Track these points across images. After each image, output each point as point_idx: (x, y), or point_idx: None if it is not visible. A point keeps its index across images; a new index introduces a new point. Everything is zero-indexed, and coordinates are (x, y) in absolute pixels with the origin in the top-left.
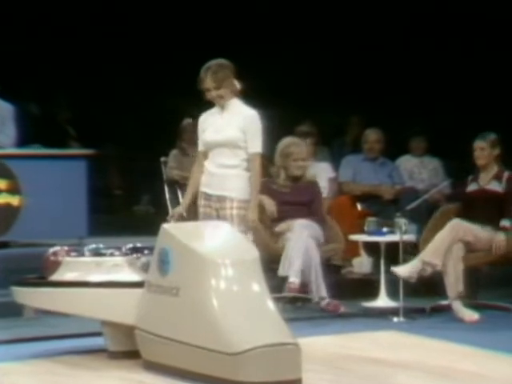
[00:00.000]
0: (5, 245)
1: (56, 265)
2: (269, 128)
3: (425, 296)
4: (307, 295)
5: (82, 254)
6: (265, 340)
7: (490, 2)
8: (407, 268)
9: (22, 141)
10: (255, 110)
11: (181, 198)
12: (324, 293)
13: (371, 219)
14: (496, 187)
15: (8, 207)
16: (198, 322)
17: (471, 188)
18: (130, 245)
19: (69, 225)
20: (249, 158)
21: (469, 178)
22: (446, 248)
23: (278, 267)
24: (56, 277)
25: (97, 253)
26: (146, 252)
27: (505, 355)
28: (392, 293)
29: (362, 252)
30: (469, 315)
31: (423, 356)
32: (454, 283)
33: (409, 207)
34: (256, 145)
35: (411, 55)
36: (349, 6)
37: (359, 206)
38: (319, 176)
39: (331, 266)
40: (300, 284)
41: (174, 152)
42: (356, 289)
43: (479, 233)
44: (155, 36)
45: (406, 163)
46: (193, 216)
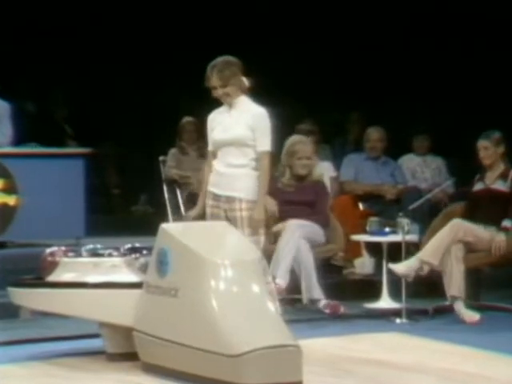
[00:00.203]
0: (1, 245)
1: (53, 265)
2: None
3: (427, 297)
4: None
5: (80, 255)
6: (265, 342)
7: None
8: (405, 266)
9: (19, 139)
10: (264, 108)
11: (180, 198)
12: (318, 295)
13: (373, 219)
14: (501, 186)
15: (4, 207)
16: (197, 324)
17: (477, 187)
18: (129, 245)
19: (66, 225)
20: (257, 157)
21: (475, 177)
22: (445, 248)
23: None
24: (53, 277)
25: (95, 253)
26: (145, 252)
27: (507, 356)
28: (394, 294)
29: (364, 252)
30: (469, 316)
31: (426, 358)
32: (454, 284)
33: (411, 207)
34: (265, 143)
35: (414, 54)
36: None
37: (361, 206)
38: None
39: (332, 267)
40: (289, 285)
41: (173, 151)
42: (358, 290)
43: (480, 233)
44: (154, 34)
45: (409, 162)
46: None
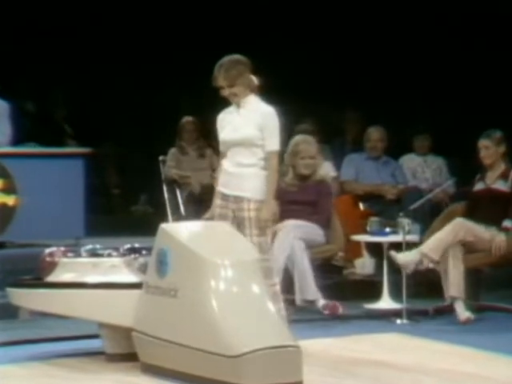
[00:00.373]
0: (0, 245)
1: (52, 266)
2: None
3: (428, 298)
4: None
5: (79, 255)
6: (265, 342)
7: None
8: (405, 256)
9: (18, 139)
10: (272, 107)
11: (179, 198)
12: (313, 296)
13: (374, 219)
14: (502, 186)
15: (3, 207)
16: (197, 324)
17: (478, 187)
18: (128, 245)
19: (66, 225)
20: (266, 157)
21: (476, 177)
22: (446, 245)
23: None
24: (52, 278)
25: (94, 253)
26: (144, 253)
27: (507, 357)
28: (395, 294)
29: (365, 253)
30: (463, 316)
31: (426, 358)
32: (453, 284)
33: (412, 207)
34: (273, 142)
35: (414, 53)
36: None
37: (361, 206)
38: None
39: (332, 267)
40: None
41: (173, 151)
42: (358, 290)
43: (481, 233)
44: (154, 34)
45: (409, 162)
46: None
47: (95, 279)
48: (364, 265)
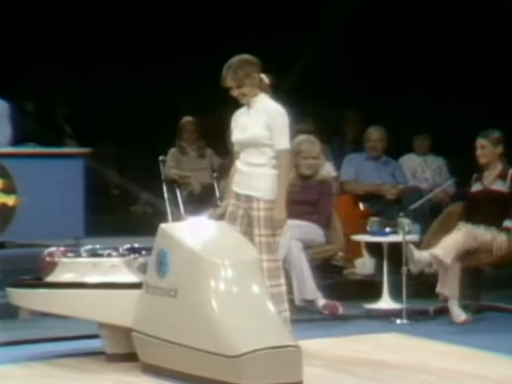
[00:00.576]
0: (0, 245)
1: (52, 266)
2: None
3: (428, 298)
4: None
5: (79, 255)
6: (265, 342)
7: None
8: (421, 254)
9: (18, 139)
10: (281, 105)
11: (179, 198)
12: (312, 295)
13: (374, 219)
14: (501, 187)
15: (3, 207)
16: (197, 324)
17: (475, 188)
18: (128, 245)
19: (65, 225)
20: (276, 156)
21: (473, 177)
22: (458, 251)
23: None
24: (52, 278)
25: (94, 253)
26: (144, 253)
27: (507, 357)
28: (395, 294)
29: (365, 253)
30: (460, 318)
31: (426, 358)
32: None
33: (412, 207)
34: (282, 141)
35: (414, 53)
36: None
37: (361, 206)
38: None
39: (333, 267)
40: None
41: (173, 151)
42: (358, 290)
43: (484, 237)
44: (154, 34)
45: (409, 162)
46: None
47: (95, 279)
48: (364, 265)
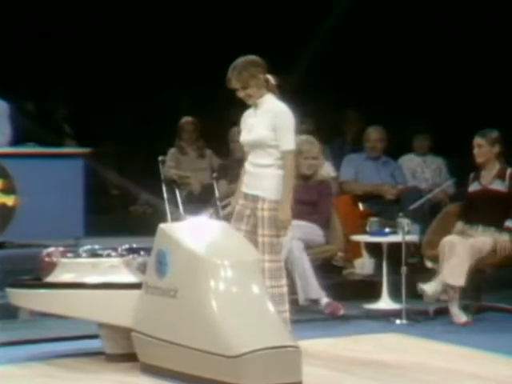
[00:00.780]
0: (0, 245)
1: (51, 266)
2: None
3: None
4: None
5: (78, 255)
6: (265, 342)
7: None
8: (432, 287)
9: (18, 139)
10: (286, 106)
11: (179, 198)
12: (316, 295)
13: (373, 219)
14: (499, 186)
15: (3, 207)
16: (197, 324)
17: (473, 188)
18: (126, 246)
19: (65, 225)
20: (281, 156)
21: (470, 176)
22: (467, 270)
23: None
24: (52, 278)
25: (93, 254)
26: (143, 253)
27: (507, 357)
28: (394, 295)
29: (364, 253)
30: (457, 317)
31: (425, 358)
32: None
33: (412, 207)
34: (287, 142)
35: (414, 53)
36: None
37: (361, 206)
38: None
39: (332, 267)
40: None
41: (172, 151)
42: (358, 290)
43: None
44: (154, 34)
45: (409, 162)
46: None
47: (95, 279)
48: (363, 265)
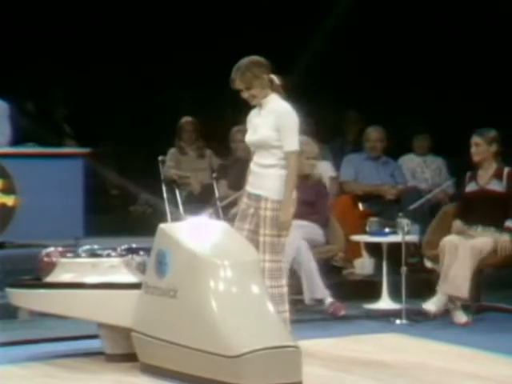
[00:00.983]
0: (0, 245)
1: (50, 266)
2: None
3: (427, 298)
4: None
5: (77, 255)
6: (264, 342)
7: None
8: (435, 304)
9: (18, 139)
10: (290, 106)
11: (179, 198)
12: (322, 295)
13: (373, 219)
14: (497, 186)
15: (3, 207)
16: (197, 325)
17: (470, 188)
18: (125, 246)
19: (65, 225)
20: (285, 157)
21: (467, 175)
22: (469, 279)
23: None
24: (51, 278)
25: (93, 254)
26: (142, 253)
27: (507, 357)
28: (394, 295)
29: (364, 253)
30: (458, 317)
31: (425, 358)
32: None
33: (411, 207)
34: (290, 142)
35: (414, 53)
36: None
37: (361, 206)
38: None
39: (332, 267)
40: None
41: (172, 151)
42: (358, 290)
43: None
44: (154, 34)
45: (409, 162)
46: None
47: (94, 279)
48: (363, 265)
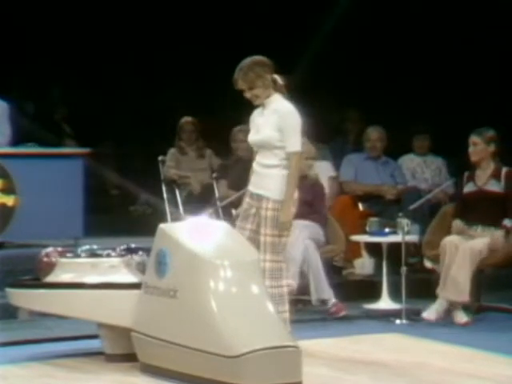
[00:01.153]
0: (0, 246)
1: (49, 266)
2: None
3: (427, 298)
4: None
5: (78, 255)
6: (264, 342)
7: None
8: (437, 309)
9: (17, 139)
10: (293, 106)
11: (178, 198)
12: (326, 295)
13: (373, 219)
14: (495, 187)
15: (3, 207)
16: (196, 325)
17: (468, 188)
18: (124, 246)
19: (65, 225)
20: (287, 157)
21: (464, 175)
22: (469, 282)
23: None
24: (51, 278)
25: (93, 254)
26: (141, 253)
27: (507, 357)
28: (394, 295)
29: (364, 253)
30: (458, 318)
31: (425, 358)
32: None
33: (411, 207)
34: (293, 143)
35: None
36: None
37: (361, 206)
38: (320, 175)
39: (332, 267)
40: (300, 286)
41: (172, 151)
42: (358, 290)
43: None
44: (154, 34)
45: (409, 162)
46: None
47: (94, 279)
48: (363, 265)
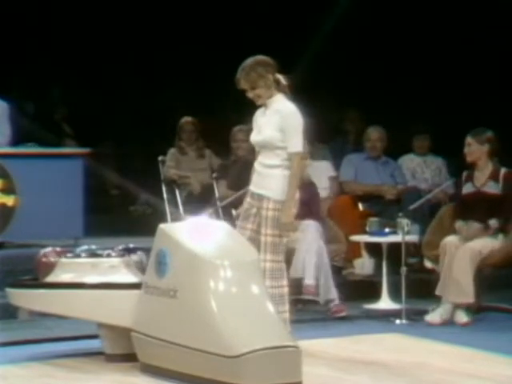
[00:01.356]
0: (0, 246)
1: (48, 266)
2: None
3: (427, 298)
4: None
5: (77, 255)
6: (265, 342)
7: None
8: (442, 314)
9: (17, 139)
10: (295, 106)
11: (178, 198)
12: (333, 295)
13: (373, 219)
14: (493, 189)
15: (3, 207)
16: (197, 325)
17: (467, 189)
18: (122, 245)
19: (64, 225)
20: (288, 158)
21: (463, 175)
22: (473, 280)
23: None
24: (51, 278)
25: (93, 254)
26: (139, 253)
27: (506, 357)
28: (394, 295)
29: (364, 253)
30: (458, 318)
31: (425, 358)
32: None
33: (411, 207)
34: (294, 144)
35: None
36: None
37: (361, 206)
38: (320, 175)
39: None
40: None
41: (172, 151)
42: (358, 290)
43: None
44: (154, 34)
45: (409, 162)
46: None
47: (94, 279)
48: (363, 265)
